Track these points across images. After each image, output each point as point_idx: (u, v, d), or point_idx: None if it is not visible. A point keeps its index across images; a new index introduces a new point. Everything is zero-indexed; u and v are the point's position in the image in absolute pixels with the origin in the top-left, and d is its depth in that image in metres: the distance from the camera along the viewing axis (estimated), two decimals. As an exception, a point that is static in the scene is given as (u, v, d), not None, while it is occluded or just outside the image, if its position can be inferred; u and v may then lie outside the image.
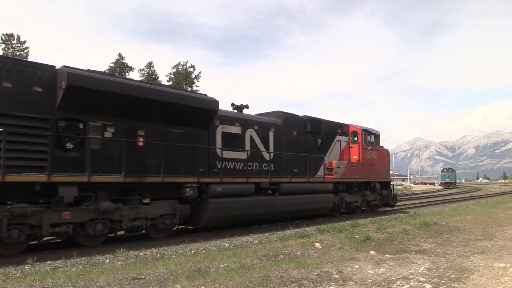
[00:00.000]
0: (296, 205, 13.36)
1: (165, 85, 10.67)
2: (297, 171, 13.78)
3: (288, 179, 12.96)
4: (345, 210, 16.19)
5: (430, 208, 20.83)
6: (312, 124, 14.98)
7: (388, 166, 19.26)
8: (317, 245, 8.69)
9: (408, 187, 66.20)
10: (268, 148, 13.08)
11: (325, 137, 15.66)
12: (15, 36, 39.31)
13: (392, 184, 19.70)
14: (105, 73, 9.82)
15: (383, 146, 18.79)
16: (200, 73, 48.79)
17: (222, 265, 6.55)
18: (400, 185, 70.19)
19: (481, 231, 11.20)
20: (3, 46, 38.80)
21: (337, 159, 15.95)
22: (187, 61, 49.11)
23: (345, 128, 16.92)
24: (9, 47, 39.07)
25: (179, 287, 5.11)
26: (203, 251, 8.38)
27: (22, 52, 39.58)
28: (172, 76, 47.18)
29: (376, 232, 10.80)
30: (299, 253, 7.82)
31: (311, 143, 14.96)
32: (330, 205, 14.95)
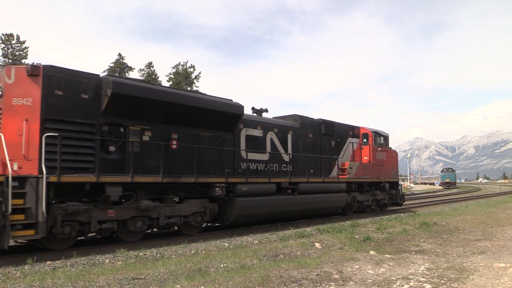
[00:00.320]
0: (313, 204, 13.97)
1: (196, 91, 11.28)
2: (313, 172, 14.45)
3: (306, 179, 13.64)
4: (357, 209, 16.75)
5: (430, 208, 20.83)
6: (326, 127, 15.71)
7: (397, 167, 19.97)
8: (317, 245, 8.69)
9: (408, 187, 66.19)
10: (287, 150, 13.80)
11: (338, 139, 16.35)
12: (15, 36, 39.26)
13: (400, 184, 20.38)
14: (142, 81, 10.46)
15: (391, 148, 19.49)
16: (200, 73, 48.79)
17: (222, 265, 6.55)
18: (400, 185, 69.99)
19: (481, 231, 11.19)
20: (3, 46, 38.74)
21: (350, 160, 16.59)
22: (187, 61, 49.15)
23: (356, 130, 17.53)
24: (9, 47, 39.01)
25: (179, 287, 5.11)
26: (203, 251, 8.38)
27: (22, 52, 39.53)
28: (172, 76, 47.14)
29: (376, 232, 10.80)
30: (299, 253, 7.82)
31: (326, 145, 15.67)
32: (344, 204, 15.56)
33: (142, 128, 9.68)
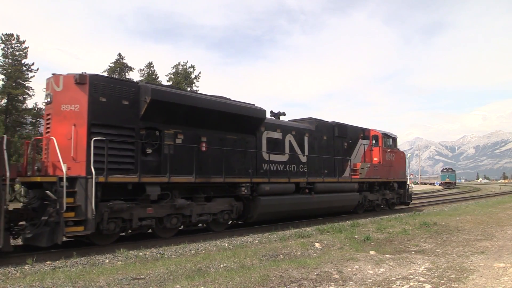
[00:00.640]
0: (328, 203, 14.69)
1: (223, 97, 11.96)
2: (327, 172, 15.17)
3: (322, 179, 14.41)
4: (367, 208, 17.40)
5: (430, 208, 20.83)
6: (340, 129, 16.46)
7: (405, 167, 20.68)
8: (317, 245, 8.69)
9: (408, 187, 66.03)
10: (303, 151, 14.50)
11: (350, 141, 17.06)
12: (15, 36, 39.22)
13: (408, 184, 21.13)
14: (174, 87, 11.16)
15: (400, 149, 20.27)
16: (200, 73, 48.76)
17: (222, 265, 6.55)
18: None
19: (481, 231, 11.19)
20: (3, 46, 38.71)
21: (361, 161, 17.26)
22: (187, 61, 49.07)
23: (367, 132, 18.26)
24: (9, 47, 38.99)
25: (179, 287, 5.11)
26: (203, 251, 8.38)
27: (22, 52, 39.51)
28: (172, 76, 47.10)
29: (376, 232, 10.80)
30: (299, 253, 7.82)
31: (339, 147, 16.41)
32: (356, 203, 16.24)
33: (176, 132, 10.35)
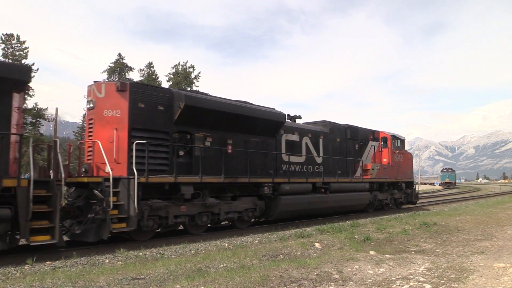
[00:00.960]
0: (342, 202, 15.33)
1: (246, 102, 12.59)
2: (340, 173, 15.83)
3: (336, 180, 15.09)
4: (377, 207, 18.03)
5: (430, 208, 20.83)
6: (352, 132, 17.13)
7: (412, 168, 21.38)
8: (317, 245, 8.69)
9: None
10: (319, 153, 15.19)
11: (361, 142, 17.75)
12: (15, 36, 39.22)
13: (415, 184, 21.83)
14: (203, 93, 11.83)
15: (407, 150, 21.09)
16: (200, 73, 48.67)
17: (222, 265, 6.55)
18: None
19: (481, 231, 11.19)
20: (3, 46, 38.70)
21: (371, 162, 17.99)
22: (187, 61, 48.93)
23: (376, 134, 18.91)
24: (9, 47, 38.98)
25: (179, 287, 5.11)
26: (203, 251, 8.38)
27: (22, 52, 39.50)
28: (172, 76, 47.06)
29: (376, 232, 10.81)
30: (299, 253, 7.82)
31: (350, 148, 17.10)
32: (367, 202, 16.85)
33: (205, 135, 11.03)
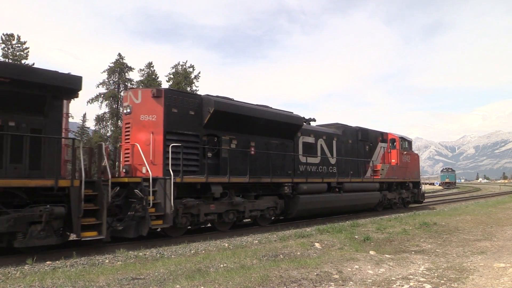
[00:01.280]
0: (354, 201, 16.00)
1: (266, 106, 13.31)
2: (352, 173, 16.45)
3: (349, 180, 15.78)
4: (386, 206, 18.70)
5: (430, 208, 20.83)
6: (362, 134, 17.85)
7: (418, 168, 22.06)
8: (317, 245, 8.69)
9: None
10: (332, 154, 15.86)
11: (371, 144, 18.45)
12: (15, 36, 39.21)
13: (422, 184, 22.64)
14: (228, 98, 12.21)
15: (414, 151, 21.93)
16: (200, 73, 48.64)
17: (222, 265, 6.54)
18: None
19: (481, 231, 11.19)
20: (3, 46, 38.69)
21: (380, 163, 18.65)
22: (186, 61, 48.88)
23: (385, 136, 19.58)
24: (9, 47, 38.98)
25: (179, 287, 5.11)
26: (203, 251, 8.37)
27: (22, 53, 39.49)
28: (172, 76, 47.04)
29: (376, 232, 10.80)
30: (299, 253, 7.81)
31: (361, 149, 17.78)
32: (377, 201, 17.56)
33: (230, 138, 11.68)
